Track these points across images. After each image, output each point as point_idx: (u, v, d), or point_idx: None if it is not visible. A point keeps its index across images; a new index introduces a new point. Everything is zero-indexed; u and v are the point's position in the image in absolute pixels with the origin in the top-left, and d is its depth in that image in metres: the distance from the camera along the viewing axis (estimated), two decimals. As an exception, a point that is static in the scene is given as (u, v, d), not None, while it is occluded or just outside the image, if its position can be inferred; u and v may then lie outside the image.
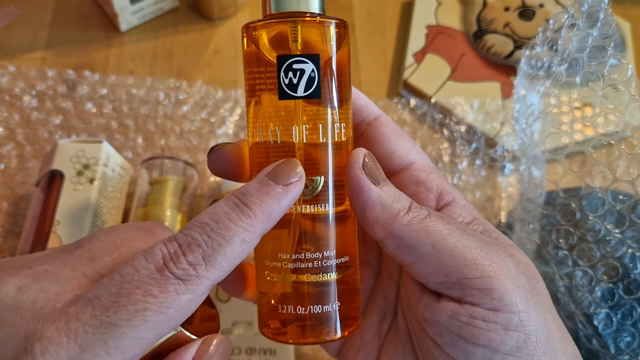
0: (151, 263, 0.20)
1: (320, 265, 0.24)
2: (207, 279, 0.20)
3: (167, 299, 0.19)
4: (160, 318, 0.19)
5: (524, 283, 0.22)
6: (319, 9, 0.24)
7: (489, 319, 0.22)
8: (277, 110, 0.23)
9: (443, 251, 0.22)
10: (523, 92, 0.40)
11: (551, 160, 0.39)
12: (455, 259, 0.22)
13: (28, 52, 0.52)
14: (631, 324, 0.35)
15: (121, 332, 0.19)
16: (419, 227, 0.22)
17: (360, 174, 0.23)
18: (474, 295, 0.22)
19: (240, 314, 0.37)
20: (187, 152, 0.48)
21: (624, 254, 0.35)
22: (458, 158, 0.51)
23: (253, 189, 0.22)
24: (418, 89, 0.52)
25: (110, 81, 0.51)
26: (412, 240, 0.22)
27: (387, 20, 0.58)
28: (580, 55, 0.34)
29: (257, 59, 0.23)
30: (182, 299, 0.20)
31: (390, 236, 0.23)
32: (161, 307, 0.19)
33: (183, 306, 0.20)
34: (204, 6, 0.55)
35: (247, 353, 0.37)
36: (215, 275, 0.21)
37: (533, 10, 0.56)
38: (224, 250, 0.21)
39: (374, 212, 0.23)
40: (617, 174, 0.33)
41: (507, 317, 0.22)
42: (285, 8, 0.23)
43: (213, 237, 0.21)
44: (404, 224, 0.22)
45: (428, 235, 0.22)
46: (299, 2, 0.23)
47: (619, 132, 0.33)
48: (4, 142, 0.47)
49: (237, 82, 0.53)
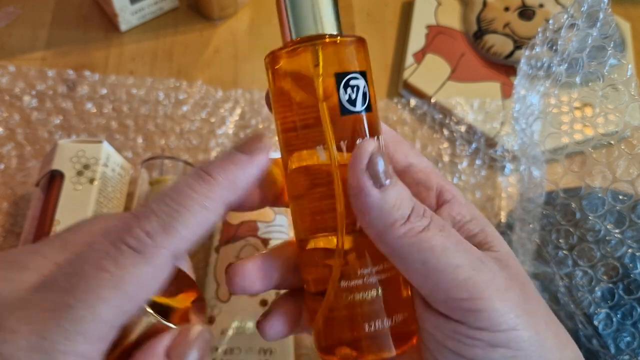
0: (107, 239, 0.19)
1: (368, 281, 0.23)
2: (166, 249, 0.19)
3: (122, 274, 0.18)
4: (118, 295, 0.18)
5: (514, 297, 0.22)
6: (338, 29, 0.24)
7: (474, 336, 0.21)
8: (338, 126, 0.23)
9: (433, 270, 0.21)
10: (523, 92, 0.40)
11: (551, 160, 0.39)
12: (444, 279, 0.21)
13: (28, 52, 0.52)
14: (631, 324, 0.35)
15: (79, 315, 0.18)
16: (412, 241, 0.21)
17: (362, 176, 0.21)
18: (462, 314, 0.21)
19: (240, 314, 0.37)
20: (187, 152, 0.48)
21: (624, 254, 0.35)
22: (458, 158, 0.51)
23: (218, 159, 0.21)
24: (418, 89, 0.52)
25: (110, 81, 0.51)
26: (403, 254, 0.21)
27: (387, 20, 0.58)
28: (580, 55, 0.34)
29: (297, 80, 0.23)
30: (139, 272, 0.19)
31: (382, 244, 0.22)
32: (117, 283, 0.18)
33: (142, 281, 0.19)
34: (204, 6, 0.55)
35: (247, 353, 0.37)
36: (175, 244, 0.19)
37: (533, 10, 0.56)
38: (183, 217, 0.19)
39: (369, 217, 0.22)
40: (617, 174, 0.33)
41: (492, 336, 0.21)
42: (307, 32, 0.23)
43: (172, 205, 0.20)
44: (397, 235, 0.21)
45: (420, 251, 0.21)
46: (317, 25, 0.23)
47: (618, 132, 0.33)
48: (4, 142, 0.47)
49: (237, 82, 0.53)
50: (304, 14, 0.23)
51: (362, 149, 0.22)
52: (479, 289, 0.21)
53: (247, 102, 0.51)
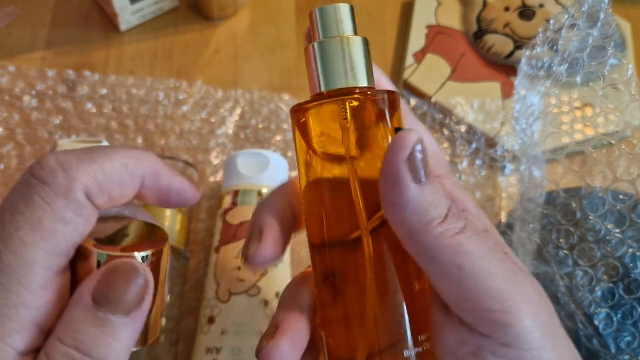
0: (21, 178, 0.19)
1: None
2: (78, 181, 0.19)
3: (37, 212, 0.18)
4: (38, 235, 0.18)
5: (543, 317, 0.21)
6: (368, 80, 0.22)
7: (498, 352, 0.20)
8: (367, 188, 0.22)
9: (468, 275, 0.20)
10: (523, 92, 0.40)
11: (551, 160, 0.39)
12: (478, 287, 0.20)
13: (28, 52, 0.52)
14: (631, 324, 0.35)
15: (7, 264, 0.17)
16: (448, 242, 0.20)
17: (402, 166, 0.20)
18: (489, 327, 0.20)
19: (240, 315, 0.37)
20: (186, 152, 0.48)
21: (624, 253, 0.35)
22: (458, 158, 0.51)
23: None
24: (418, 88, 0.52)
25: (110, 81, 0.51)
26: (437, 255, 0.20)
27: (387, 20, 0.58)
28: (581, 55, 0.34)
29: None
30: (54, 208, 0.18)
31: (414, 242, 0.20)
32: (34, 223, 0.18)
33: (60, 216, 0.18)
34: (204, 6, 0.55)
35: (247, 353, 0.36)
36: (88, 177, 0.19)
37: (533, 10, 0.56)
38: (102, 156, 0.20)
39: (404, 213, 0.20)
40: (618, 173, 0.33)
41: (517, 354, 0.20)
42: (336, 85, 0.22)
43: (92, 149, 0.20)
44: (433, 235, 0.20)
45: (456, 255, 0.20)
46: (348, 78, 0.22)
47: (619, 131, 0.33)
48: (4, 142, 0.47)
49: (237, 82, 0.53)
50: (335, 66, 0.22)
51: (404, 139, 0.20)
52: (513, 302, 0.20)
53: (247, 102, 0.51)
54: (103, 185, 0.19)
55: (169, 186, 0.22)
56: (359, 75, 0.22)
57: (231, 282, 0.38)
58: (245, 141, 0.50)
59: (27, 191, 0.18)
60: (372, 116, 0.22)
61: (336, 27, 0.22)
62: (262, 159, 0.43)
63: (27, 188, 0.18)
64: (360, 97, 0.22)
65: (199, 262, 0.44)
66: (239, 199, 0.42)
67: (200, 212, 0.46)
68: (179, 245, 0.41)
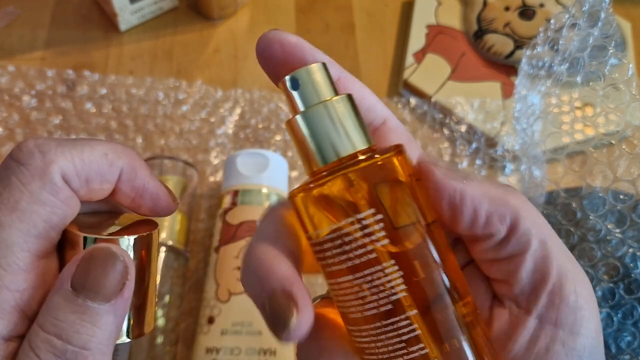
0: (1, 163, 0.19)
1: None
2: (55, 163, 0.18)
3: (14, 193, 0.18)
4: (16, 217, 0.18)
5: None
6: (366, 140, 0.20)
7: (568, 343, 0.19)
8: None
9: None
10: (524, 92, 0.40)
11: (552, 159, 0.39)
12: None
13: (27, 52, 0.52)
14: (632, 324, 0.35)
15: None
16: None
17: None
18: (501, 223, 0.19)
19: (240, 315, 0.37)
20: (186, 152, 0.48)
21: (624, 253, 0.35)
22: (458, 158, 0.51)
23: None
24: (418, 88, 0.52)
25: (110, 81, 0.51)
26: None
27: (387, 20, 0.58)
28: (581, 54, 0.34)
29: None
30: (31, 189, 0.18)
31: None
32: (11, 204, 0.18)
33: (37, 198, 0.18)
34: (204, 6, 0.55)
35: (247, 353, 0.36)
36: (65, 159, 0.19)
37: (533, 10, 0.56)
38: (82, 144, 0.19)
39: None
40: (618, 173, 0.33)
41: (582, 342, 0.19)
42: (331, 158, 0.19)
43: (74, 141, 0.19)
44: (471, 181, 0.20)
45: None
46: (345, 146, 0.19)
47: (619, 131, 0.33)
48: (4, 142, 0.47)
49: (236, 82, 0.53)
50: (325, 139, 0.19)
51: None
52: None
53: (246, 102, 0.51)
54: (81, 170, 0.19)
55: (144, 187, 0.21)
56: (357, 140, 0.20)
57: (231, 282, 0.38)
58: (245, 141, 0.50)
59: (5, 173, 0.18)
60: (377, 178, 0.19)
61: (315, 92, 0.20)
62: (262, 159, 0.43)
63: (5, 170, 0.18)
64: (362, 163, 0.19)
65: (199, 262, 0.44)
66: (239, 199, 0.42)
67: (200, 212, 0.46)
68: (179, 245, 0.41)
